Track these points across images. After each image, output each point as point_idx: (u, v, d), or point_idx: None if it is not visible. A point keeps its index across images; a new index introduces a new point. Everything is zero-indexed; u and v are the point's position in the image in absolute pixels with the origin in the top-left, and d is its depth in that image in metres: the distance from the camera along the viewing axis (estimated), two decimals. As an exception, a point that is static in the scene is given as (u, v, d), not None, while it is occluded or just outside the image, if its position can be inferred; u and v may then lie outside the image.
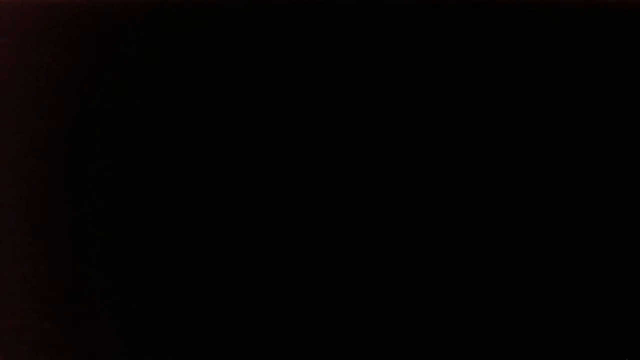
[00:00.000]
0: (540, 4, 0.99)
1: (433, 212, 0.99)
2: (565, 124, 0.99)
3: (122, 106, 1.00)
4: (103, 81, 1.01)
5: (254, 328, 1.00)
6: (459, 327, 0.99)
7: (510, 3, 0.99)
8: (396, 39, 1.00)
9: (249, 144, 1.00)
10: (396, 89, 1.00)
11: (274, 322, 1.00)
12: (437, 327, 0.99)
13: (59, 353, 1.01)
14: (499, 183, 0.99)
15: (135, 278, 1.00)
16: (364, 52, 1.00)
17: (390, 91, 1.00)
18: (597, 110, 0.99)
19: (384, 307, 0.99)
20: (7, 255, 1.01)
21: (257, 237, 1.00)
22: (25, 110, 1.02)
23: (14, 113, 1.02)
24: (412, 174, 1.00)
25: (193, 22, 1.00)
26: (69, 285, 1.01)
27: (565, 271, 0.99)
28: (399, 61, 1.00)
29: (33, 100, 1.01)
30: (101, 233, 1.00)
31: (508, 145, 0.99)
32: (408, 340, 0.99)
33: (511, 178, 0.99)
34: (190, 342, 1.00)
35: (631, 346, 0.99)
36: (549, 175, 0.99)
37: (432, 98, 1.00)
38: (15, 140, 1.01)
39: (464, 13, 0.99)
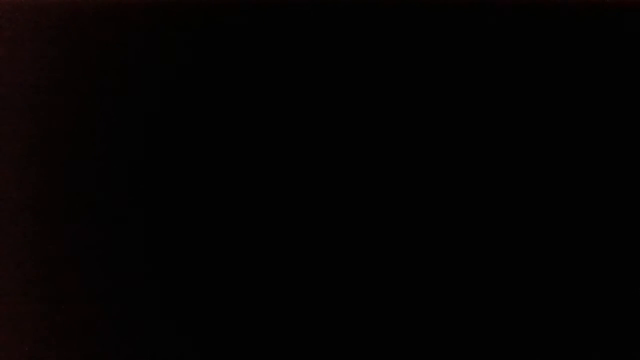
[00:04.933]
0: (540, 4, 1.00)
1: (432, 212, 1.00)
2: (564, 123, 1.00)
3: (122, 106, 1.00)
4: (103, 81, 1.01)
5: (254, 328, 1.00)
6: (459, 327, 0.99)
7: (511, 3, 0.99)
8: (396, 39, 1.00)
9: (249, 144, 1.00)
10: (396, 89, 1.00)
11: (273, 322, 1.00)
12: (437, 327, 0.99)
13: (59, 353, 1.01)
14: (499, 183, 0.99)
15: (135, 278, 1.00)
16: (364, 52, 1.00)
17: (390, 91, 1.00)
18: (597, 110, 0.99)
19: (383, 307, 0.99)
20: (7, 255, 1.01)
21: (257, 237, 1.00)
22: (25, 109, 1.02)
23: (14, 113, 1.02)
24: (412, 174, 1.00)
25: (193, 22, 1.00)
26: (69, 285, 1.01)
27: (565, 271, 0.99)
28: (399, 61, 1.00)
29: (33, 100, 1.01)
30: (101, 233, 1.00)
31: (507, 145, 0.99)
32: (408, 340, 0.99)
33: (511, 178, 0.99)
34: (190, 342, 1.00)
35: (631, 346, 0.99)
36: (549, 174, 0.99)
37: (431, 98, 1.00)
38: (15, 140, 1.02)
39: (464, 13, 0.99)
